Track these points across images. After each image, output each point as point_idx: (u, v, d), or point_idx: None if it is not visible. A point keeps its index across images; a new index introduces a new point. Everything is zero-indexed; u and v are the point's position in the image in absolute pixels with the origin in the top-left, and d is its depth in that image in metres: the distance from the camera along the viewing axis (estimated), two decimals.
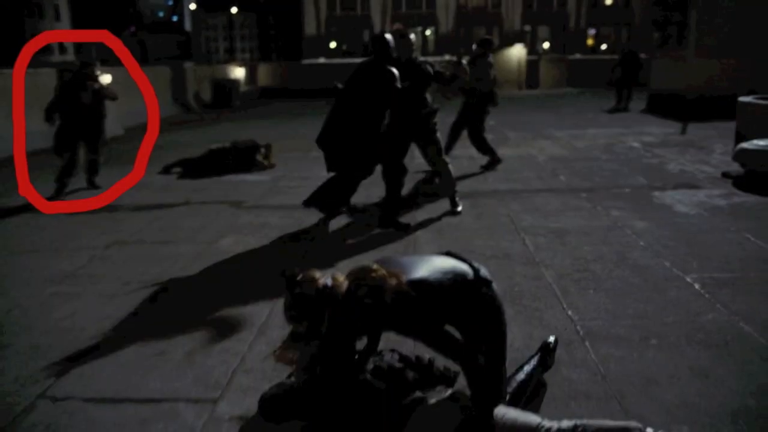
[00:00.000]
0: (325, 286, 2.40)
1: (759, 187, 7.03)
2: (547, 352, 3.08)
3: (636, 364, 3.23)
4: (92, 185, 8.15)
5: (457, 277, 2.48)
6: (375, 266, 2.42)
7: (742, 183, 7.41)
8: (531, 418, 2.44)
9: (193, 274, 4.85)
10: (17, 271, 5.02)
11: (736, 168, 7.99)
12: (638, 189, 7.33)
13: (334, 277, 2.44)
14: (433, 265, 2.52)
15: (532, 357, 3.05)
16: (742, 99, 10.14)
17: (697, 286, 4.24)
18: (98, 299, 4.36)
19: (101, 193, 7.72)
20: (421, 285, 2.39)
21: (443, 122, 6.69)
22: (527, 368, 2.93)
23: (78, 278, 4.83)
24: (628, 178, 7.95)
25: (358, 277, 2.41)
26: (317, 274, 2.46)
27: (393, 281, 2.35)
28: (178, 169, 9.20)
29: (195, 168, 9.07)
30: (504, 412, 2.45)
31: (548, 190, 7.41)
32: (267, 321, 3.88)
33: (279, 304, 4.03)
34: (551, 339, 3.18)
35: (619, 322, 3.72)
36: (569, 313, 3.87)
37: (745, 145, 7.83)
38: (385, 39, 5.57)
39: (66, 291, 4.55)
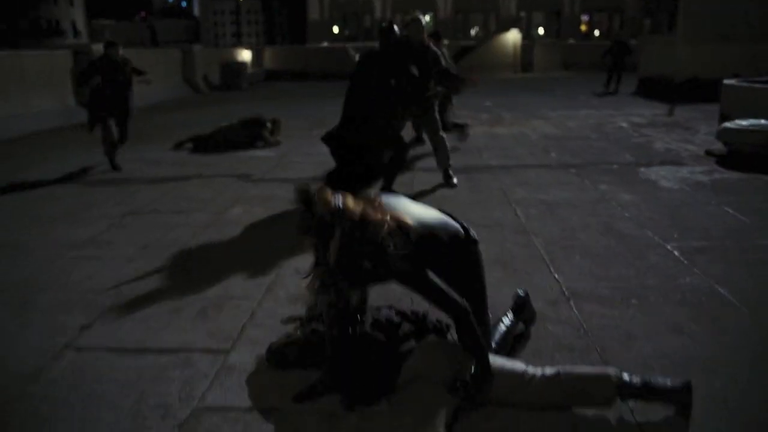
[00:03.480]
0: (338, 208, 2.41)
1: (740, 165, 7.31)
2: (519, 304, 3.31)
3: (617, 321, 3.49)
4: (113, 165, 8.15)
5: (451, 231, 2.73)
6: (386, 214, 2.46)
7: (724, 161, 7.69)
8: (517, 365, 2.70)
9: (204, 240, 5.12)
10: (38, 238, 5.27)
11: (719, 147, 8.26)
12: (625, 165, 7.60)
13: (345, 201, 2.44)
14: (435, 215, 2.76)
15: (508, 311, 3.28)
16: (727, 81, 10.41)
17: (676, 253, 4.51)
18: (116, 262, 4.61)
19: None
20: (425, 231, 2.60)
21: None
22: (506, 320, 3.18)
23: (97, 243, 5.09)
24: (616, 156, 8.22)
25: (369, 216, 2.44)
26: (329, 194, 2.47)
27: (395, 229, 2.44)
28: (189, 145, 9.48)
29: (205, 144, 9.34)
30: (491, 359, 2.71)
31: (540, 165, 7.68)
32: (275, 281, 4.14)
33: (286, 266, 4.33)
34: (521, 292, 3.41)
35: (603, 284, 3.99)
36: (556, 276, 4.13)
37: (728, 124, 8.10)
38: (393, 28, 5.92)
39: (86, 255, 4.81)
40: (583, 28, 52.21)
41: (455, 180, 6.71)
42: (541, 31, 50.52)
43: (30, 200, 6.60)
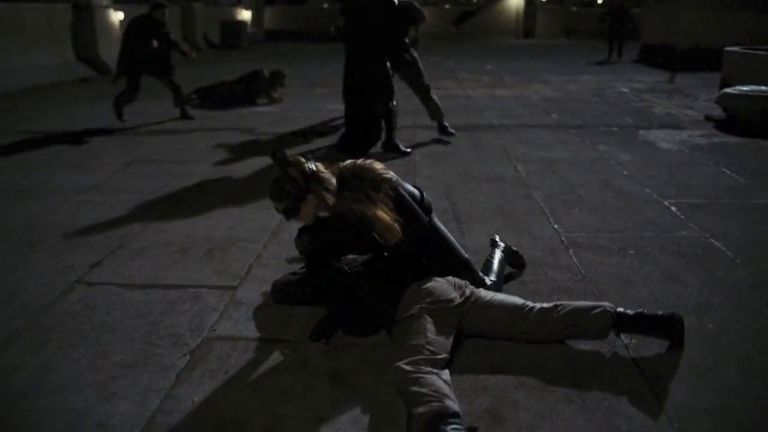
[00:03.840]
0: (312, 171, 2.70)
1: (739, 129, 7.36)
2: (507, 252, 3.48)
3: (614, 268, 3.58)
4: (185, 115, 8.21)
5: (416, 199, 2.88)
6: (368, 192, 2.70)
7: (723, 125, 7.74)
8: (516, 299, 2.79)
9: (208, 188, 5.21)
10: (46, 184, 5.34)
11: (718, 112, 8.30)
12: (625, 128, 7.65)
13: (317, 165, 2.75)
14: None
15: (493, 252, 3.44)
16: (729, 48, 10.42)
17: (673, 209, 4.59)
18: (123, 206, 4.70)
19: None
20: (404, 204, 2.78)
21: None
22: (496, 258, 3.34)
23: (102, 190, 5.17)
24: (615, 119, 8.26)
25: (350, 183, 2.74)
26: (303, 159, 2.74)
27: (383, 217, 2.65)
28: (193, 98, 9.47)
29: (207, 96, 9.34)
30: (492, 294, 2.80)
31: (540, 125, 7.73)
32: (279, 226, 4.21)
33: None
34: (495, 237, 3.62)
35: (601, 235, 4.08)
36: (555, 226, 4.22)
37: (728, 90, 8.13)
38: None
39: (93, 199, 4.90)
40: None
41: (452, 130, 6.79)
42: None
43: (34, 150, 6.64)
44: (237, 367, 2.60)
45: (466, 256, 3.11)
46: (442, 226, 3.11)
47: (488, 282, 3.06)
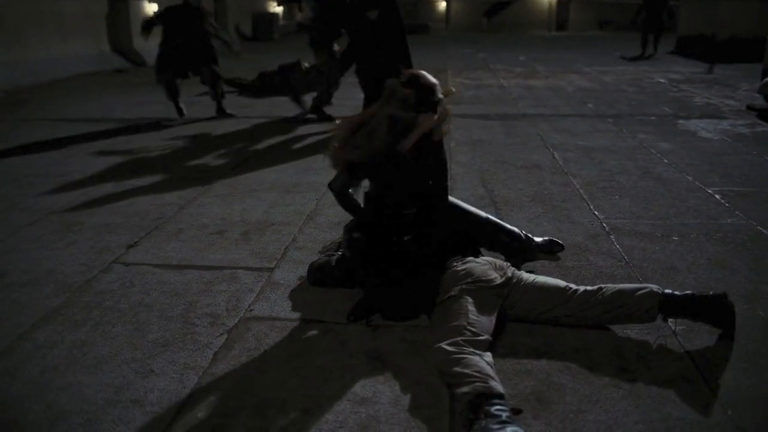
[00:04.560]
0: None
1: None
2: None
3: (658, 254, 3.48)
4: (222, 113, 7.87)
5: None
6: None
7: (767, 115, 7.52)
8: (559, 281, 2.72)
9: (243, 173, 5.19)
10: (81, 168, 5.40)
11: (761, 102, 8.08)
12: (663, 117, 7.48)
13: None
14: None
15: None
16: None
17: (718, 196, 4.46)
18: (157, 189, 4.72)
19: None
20: None
21: None
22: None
23: (137, 173, 5.21)
24: (653, 108, 8.09)
25: None
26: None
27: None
28: (229, 89, 9.51)
29: (245, 90, 9.40)
30: (534, 276, 2.73)
31: (577, 115, 7.60)
32: (315, 209, 4.19)
33: (325, 198, 4.37)
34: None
35: (642, 221, 3.97)
36: (596, 213, 4.12)
37: None
38: None
39: (128, 183, 4.93)
40: None
41: None
42: None
43: (71, 136, 6.71)
44: (275, 346, 2.56)
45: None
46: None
47: (523, 235, 3.08)
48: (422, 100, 2.72)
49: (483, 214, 3.23)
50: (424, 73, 2.77)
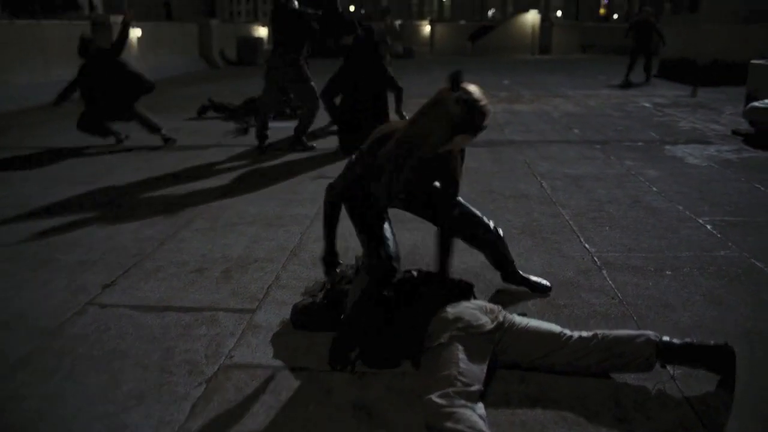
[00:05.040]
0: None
1: None
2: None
3: (652, 290, 3.39)
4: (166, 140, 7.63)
5: None
6: None
7: (752, 140, 7.52)
8: (553, 326, 2.61)
9: (225, 205, 5.04)
10: (63, 200, 5.24)
11: (746, 126, 8.10)
12: (650, 143, 7.45)
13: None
14: None
15: None
16: (754, 61, 10.20)
17: (709, 227, 4.40)
18: (137, 224, 4.58)
19: None
20: None
21: None
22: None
23: (117, 206, 5.07)
24: (640, 133, 8.07)
25: None
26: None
27: None
28: (214, 114, 9.45)
29: (233, 114, 9.32)
30: (526, 320, 2.62)
31: (563, 141, 7.56)
32: (299, 244, 4.07)
33: (309, 232, 4.25)
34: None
35: (635, 255, 3.88)
36: (586, 245, 4.03)
37: (755, 103, 7.93)
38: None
39: (107, 216, 4.78)
40: (602, 11, 51.83)
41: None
42: (559, 13, 50.15)
43: (53, 165, 6.57)
44: (255, 397, 2.43)
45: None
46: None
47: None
48: (468, 122, 2.41)
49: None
50: (481, 95, 2.42)
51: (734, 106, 10.45)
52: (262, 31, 27.44)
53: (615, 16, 51.67)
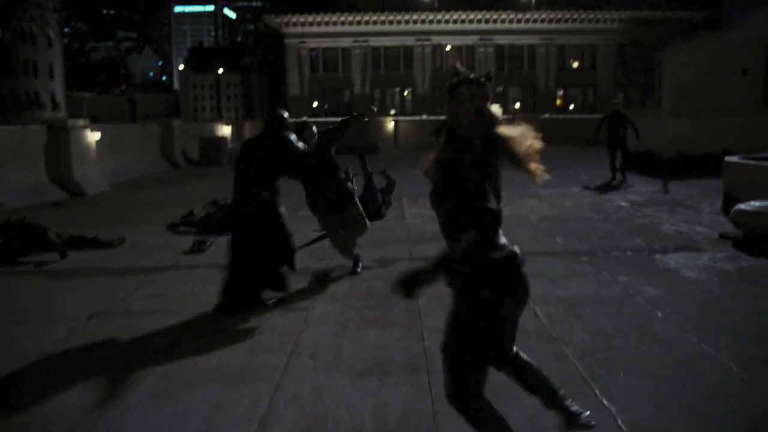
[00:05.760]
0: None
1: (761, 250, 6.78)
2: None
3: None
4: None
5: None
6: None
7: (742, 245, 7.16)
8: None
9: (180, 354, 4.35)
10: None
11: (732, 228, 7.79)
12: (639, 252, 7.05)
13: None
14: None
15: None
16: (729, 159, 10.08)
17: (734, 366, 3.88)
18: (78, 385, 3.83)
19: None
20: None
21: None
22: None
23: (55, 357, 4.33)
24: (625, 240, 7.68)
25: None
26: None
27: None
28: (184, 229, 8.84)
29: (203, 228, 8.63)
30: None
31: (548, 253, 7.10)
32: (268, 412, 3.41)
33: (280, 390, 3.61)
34: None
35: (664, 414, 3.32)
36: (605, 402, 3.46)
37: (741, 206, 7.62)
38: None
39: (41, 373, 4.07)
40: (558, 102, 53.39)
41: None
42: (517, 105, 51.46)
43: None
44: None
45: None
46: None
47: None
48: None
49: None
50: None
51: (710, 203, 10.27)
52: (226, 130, 27.33)
53: (571, 107, 53.23)
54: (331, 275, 6.24)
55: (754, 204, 7.51)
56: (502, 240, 2.66)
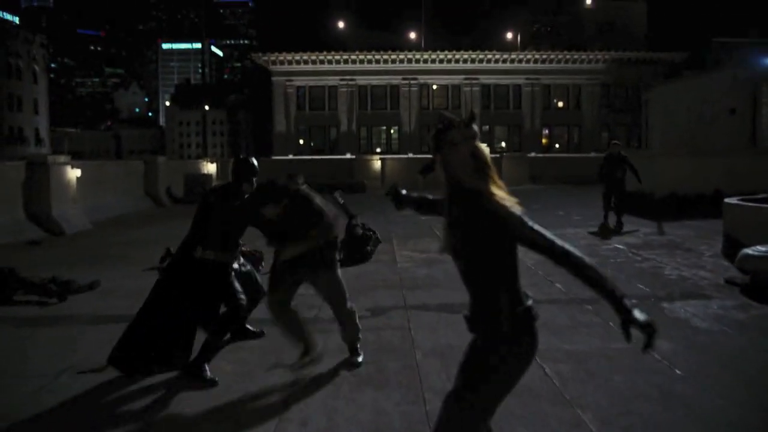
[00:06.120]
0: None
1: None
2: None
3: None
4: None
5: None
6: None
7: (750, 291, 6.87)
8: None
9: (164, 415, 3.93)
10: None
11: (737, 273, 7.52)
12: (644, 300, 6.70)
13: None
14: None
15: None
16: (729, 201, 9.85)
17: None
18: None
19: None
20: None
21: None
22: None
23: (19, 426, 3.87)
24: (628, 287, 7.33)
25: None
26: None
27: None
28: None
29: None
30: None
31: (550, 301, 6.74)
32: None
33: None
34: None
35: None
36: None
37: (749, 251, 7.34)
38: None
39: None
40: (544, 141, 53.68)
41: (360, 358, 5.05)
42: (503, 144, 51.67)
43: None
44: None
45: None
46: None
47: None
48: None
49: None
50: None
51: (709, 245, 10.04)
52: (211, 168, 27.00)
53: (557, 146, 53.52)
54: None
55: (761, 249, 7.24)
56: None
